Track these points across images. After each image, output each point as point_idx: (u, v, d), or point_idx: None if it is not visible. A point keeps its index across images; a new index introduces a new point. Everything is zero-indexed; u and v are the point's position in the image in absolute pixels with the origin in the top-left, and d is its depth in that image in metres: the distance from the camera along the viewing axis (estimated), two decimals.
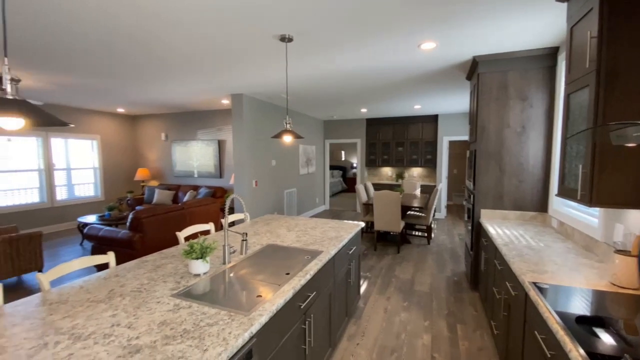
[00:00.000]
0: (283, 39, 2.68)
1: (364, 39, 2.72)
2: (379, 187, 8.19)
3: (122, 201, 7.15)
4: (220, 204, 5.88)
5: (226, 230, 1.85)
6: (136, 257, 3.69)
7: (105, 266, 3.41)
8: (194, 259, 1.63)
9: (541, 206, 3.05)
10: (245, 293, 1.48)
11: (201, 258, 1.65)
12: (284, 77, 4.08)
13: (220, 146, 7.03)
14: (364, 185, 6.28)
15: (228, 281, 1.62)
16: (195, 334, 1.14)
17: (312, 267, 1.80)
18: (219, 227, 5.28)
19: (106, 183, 7.43)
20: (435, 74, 3.86)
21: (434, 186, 7.70)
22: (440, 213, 7.62)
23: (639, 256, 1.50)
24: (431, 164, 7.77)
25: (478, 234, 3.27)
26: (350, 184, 13.14)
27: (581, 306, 1.33)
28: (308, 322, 1.74)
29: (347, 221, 3.01)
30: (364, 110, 6.94)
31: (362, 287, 3.60)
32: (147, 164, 8.04)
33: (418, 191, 6.94)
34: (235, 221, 5.72)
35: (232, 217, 2.99)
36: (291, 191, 6.87)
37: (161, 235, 3.97)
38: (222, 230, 2.70)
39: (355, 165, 13.51)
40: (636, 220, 1.66)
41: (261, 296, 1.44)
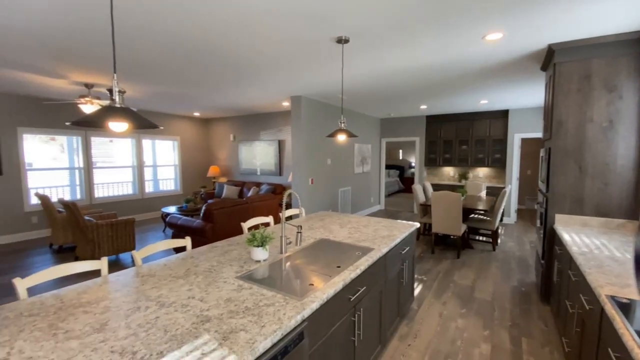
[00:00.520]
0: (340, 40, 2.77)
1: (424, 33, 2.66)
2: (439, 187, 7.80)
3: (197, 195, 8.01)
4: (279, 199, 6.23)
5: (283, 222, 2.01)
6: (207, 243, 4.13)
7: (182, 249, 3.89)
8: (255, 246, 1.81)
9: (632, 213, 2.64)
10: (299, 281, 1.60)
11: (261, 246, 1.82)
12: (340, 78, 4.16)
13: (280, 146, 7.42)
14: (422, 185, 6.07)
15: (284, 269, 1.76)
16: (255, 311, 1.28)
17: (363, 263, 1.85)
18: (277, 221, 5.61)
19: (184, 178, 8.40)
20: (503, 66, 3.57)
21: (502, 188, 7.07)
22: (509, 218, 6.98)
23: None
24: (499, 164, 7.15)
25: (551, 241, 2.95)
26: (407, 184, 12.72)
27: None
28: (358, 315, 1.80)
29: (400, 221, 2.98)
30: (423, 107, 6.69)
31: (417, 290, 3.52)
32: (217, 162, 8.88)
33: (483, 193, 6.45)
34: (291, 215, 6.00)
35: (289, 212, 3.18)
36: (345, 190, 6.95)
37: (228, 225, 4.39)
38: (280, 223, 2.89)
39: (414, 164, 13.05)
40: None
41: (313, 285, 1.55)
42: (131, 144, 7.23)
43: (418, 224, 2.87)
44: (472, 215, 5.65)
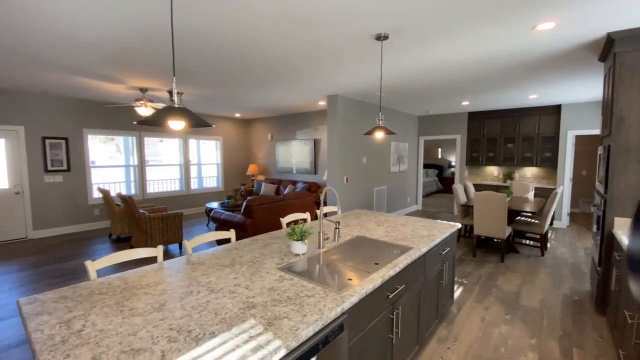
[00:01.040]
0: (379, 37, 2.76)
1: (469, 26, 2.57)
2: (481, 188, 7.42)
3: (237, 192, 8.38)
4: (314, 197, 6.33)
5: (321, 218, 2.06)
6: (247, 237, 4.33)
7: (223, 242, 4.12)
8: (295, 240, 1.89)
9: None
10: (337, 275, 1.64)
11: (301, 240, 1.89)
12: (378, 76, 4.13)
13: (316, 145, 7.52)
14: (463, 185, 5.83)
15: (322, 263, 1.81)
16: (296, 301, 1.34)
17: (402, 261, 1.85)
18: (312, 218, 5.70)
19: (225, 176, 8.84)
20: (555, 57, 3.33)
21: (552, 189, 6.57)
22: (560, 221, 6.47)
23: None
24: (550, 164, 6.64)
25: (609, 246, 2.71)
26: (446, 184, 12.24)
27: None
28: (396, 312, 1.81)
29: (440, 221, 2.90)
30: (465, 104, 6.41)
31: (457, 293, 3.40)
32: (256, 160, 9.22)
33: (531, 194, 6.04)
34: (327, 213, 6.06)
35: (326, 209, 3.23)
36: (381, 189, 6.86)
37: (267, 220, 4.56)
38: (317, 220, 2.95)
39: (454, 163, 12.50)
40: None
41: (351, 280, 1.58)
42: (179, 144, 7.74)
43: (459, 225, 2.78)
44: (518, 218, 5.32)
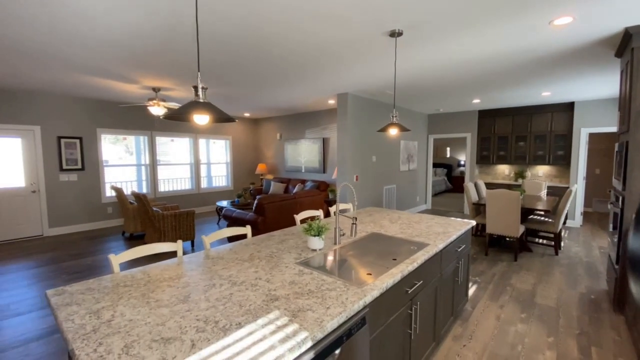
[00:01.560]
0: (393, 34, 2.75)
1: (484, 22, 2.55)
2: (492, 186, 7.34)
3: (246, 191, 8.43)
4: (324, 196, 6.34)
5: (337, 214, 2.07)
6: (258, 234, 4.38)
7: (235, 239, 4.14)
8: (312, 235, 1.89)
9: None
10: (355, 270, 1.64)
11: (318, 235, 1.90)
12: (389, 73, 4.12)
13: (324, 144, 7.52)
14: (474, 183, 5.78)
15: (339, 258, 1.81)
16: (318, 294, 1.35)
17: (420, 257, 1.84)
18: (324, 216, 5.71)
19: (234, 175, 8.90)
20: (571, 53, 3.28)
21: (565, 188, 6.47)
22: (573, 221, 6.36)
23: None
24: (563, 162, 6.54)
25: (627, 245, 2.66)
26: (456, 183, 12.14)
27: None
28: (414, 308, 1.80)
29: (454, 218, 2.89)
30: (476, 101, 6.35)
31: (471, 291, 3.38)
32: (265, 159, 9.26)
33: (544, 193, 5.96)
34: (340, 209, 6.07)
35: (342, 206, 3.23)
36: (390, 187, 6.84)
37: (277, 218, 4.59)
38: (329, 217, 2.96)
39: (463, 162, 12.39)
40: None
41: (371, 274, 1.58)
42: (189, 143, 7.82)
43: (474, 222, 2.76)
44: (531, 217, 5.25)
